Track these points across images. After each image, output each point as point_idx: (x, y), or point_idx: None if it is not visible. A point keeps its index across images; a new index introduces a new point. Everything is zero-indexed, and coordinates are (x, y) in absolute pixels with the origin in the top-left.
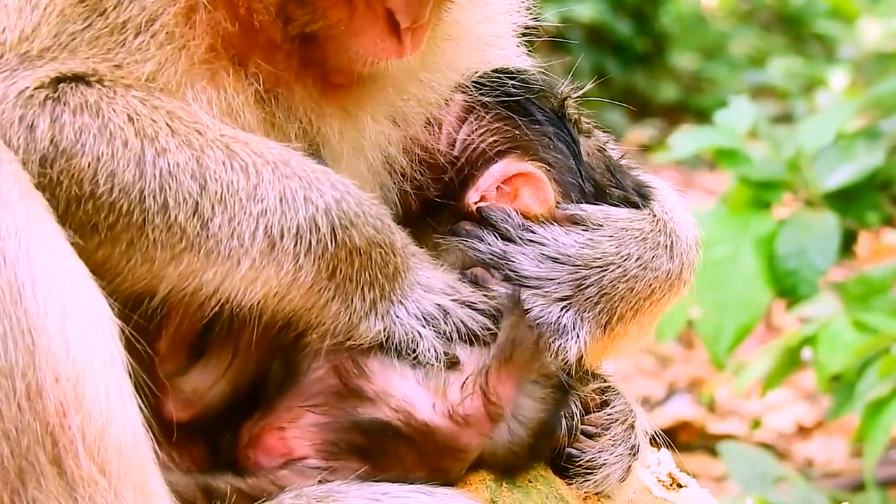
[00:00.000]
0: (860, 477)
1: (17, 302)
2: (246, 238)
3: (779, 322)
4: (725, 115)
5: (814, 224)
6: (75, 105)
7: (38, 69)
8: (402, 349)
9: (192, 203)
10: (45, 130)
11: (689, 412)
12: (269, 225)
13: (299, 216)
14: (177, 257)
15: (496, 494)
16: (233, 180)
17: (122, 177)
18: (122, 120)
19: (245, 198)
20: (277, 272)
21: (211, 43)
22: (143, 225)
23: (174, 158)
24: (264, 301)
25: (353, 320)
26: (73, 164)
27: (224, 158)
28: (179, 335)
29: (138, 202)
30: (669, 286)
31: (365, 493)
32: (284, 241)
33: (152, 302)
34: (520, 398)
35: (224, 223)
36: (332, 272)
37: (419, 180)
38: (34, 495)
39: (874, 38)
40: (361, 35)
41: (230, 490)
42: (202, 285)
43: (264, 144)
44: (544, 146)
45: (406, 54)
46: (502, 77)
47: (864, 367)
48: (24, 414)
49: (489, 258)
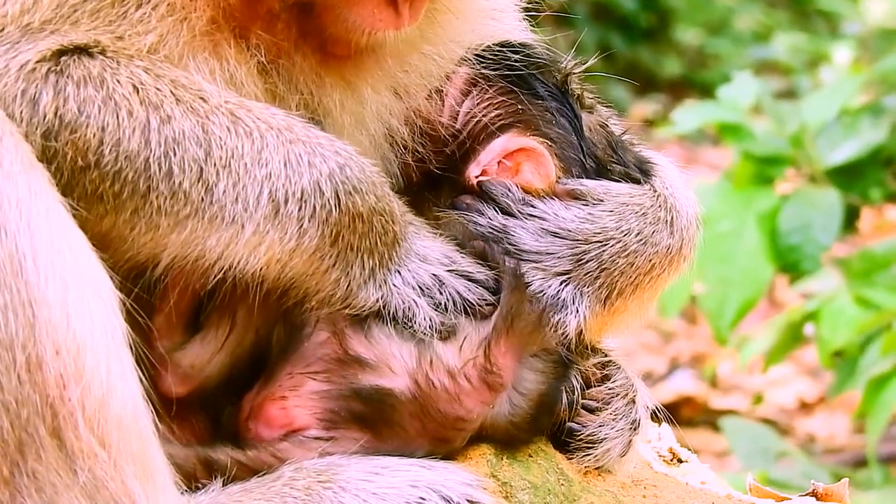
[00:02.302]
0: (862, 453)
1: (18, 274)
2: (251, 202)
3: (782, 297)
4: (729, 91)
5: (817, 200)
6: (78, 77)
7: (39, 42)
8: (398, 318)
9: (196, 169)
10: (49, 103)
11: (692, 387)
12: (274, 189)
13: (303, 180)
14: (181, 223)
15: (496, 468)
16: (237, 146)
17: (127, 146)
18: (126, 90)
19: (250, 162)
20: (281, 237)
21: (212, 14)
22: (148, 192)
23: (179, 126)
24: (267, 267)
25: (351, 287)
26: (77, 136)
27: (228, 124)
28: (177, 310)
29: (143, 170)
30: (669, 261)
31: (365, 467)
32: (289, 205)
33: (155, 270)
34: (521, 370)
35: (229, 188)
36: (334, 238)
37: (421, 152)
38: (34, 467)
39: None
40: (359, 5)
41: (230, 462)
42: (205, 252)
43: (268, 111)
44: (546, 121)
45: (403, 26)
46: (505, 51)
47: (866, 343)
48: (24, 386)
49: (489, 232)
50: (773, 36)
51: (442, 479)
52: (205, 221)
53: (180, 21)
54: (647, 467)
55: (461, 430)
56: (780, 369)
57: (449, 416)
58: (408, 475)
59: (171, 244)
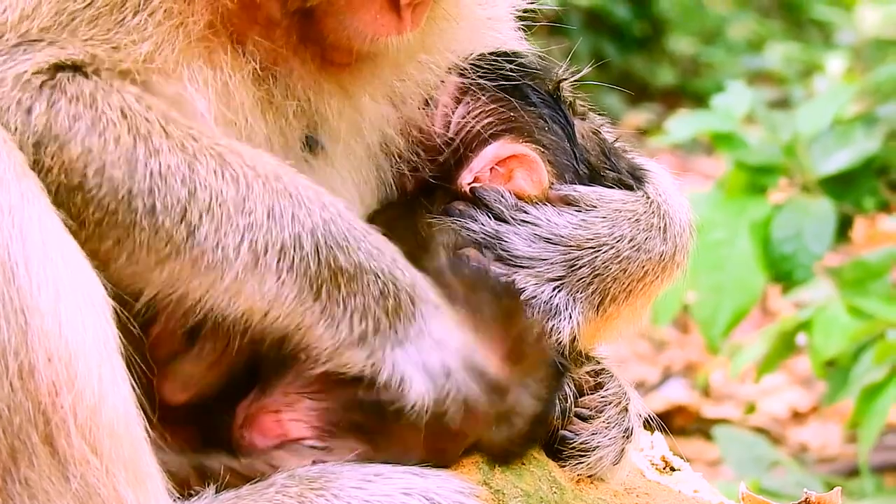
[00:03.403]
0: (855, 462)
1: (10, 281)
2: (231, 251)
3: (774, 307)
4: (723, 100)
5: (810, 209)
6: (72, 94)
7: (36, 54)
8: (388, 388)
9: (180, 209)
10: (41, 114)
11: (684, 396)
12: (254, 239)
13: (284, 233)
14: (162, 262)
15: (489, 476)
16: (222, 189)
17: (111, 173)
18: (116, 115)
19: (233, 209)
20: (260, 287)
21: (210, 19)
22: (131, 227)
23: (166, 160)
24: (249, 314)
25: (339, 347)
26: (63, 152)
27: (216, 167)
28: (175, 319)
29: (126, 202)
30: (662, 268)
31: (357, 475)
32: (268, 256)
33: (139, 302)
34: (520, 392)
35: (210, 233)
36: (316, 292)
37: (415, 161)
38: (26, 474)
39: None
40: (361, 10)
41: (223, 470)
42: (188, 292)
43: (259, 157)
44: (539, 128)
45: (406, 31)
46: (499, 60)
47: (858, 353)
48: (17, 393)
49: (482, 238)
50: (767, 45)
51: (434, 486)
52: (186, 264)
53: (177, 27)
54: (639, 475)
55: (458, 444)
56: (773, 378)
57: (448, 430)
58: (400, 483)
59: (153, 281)
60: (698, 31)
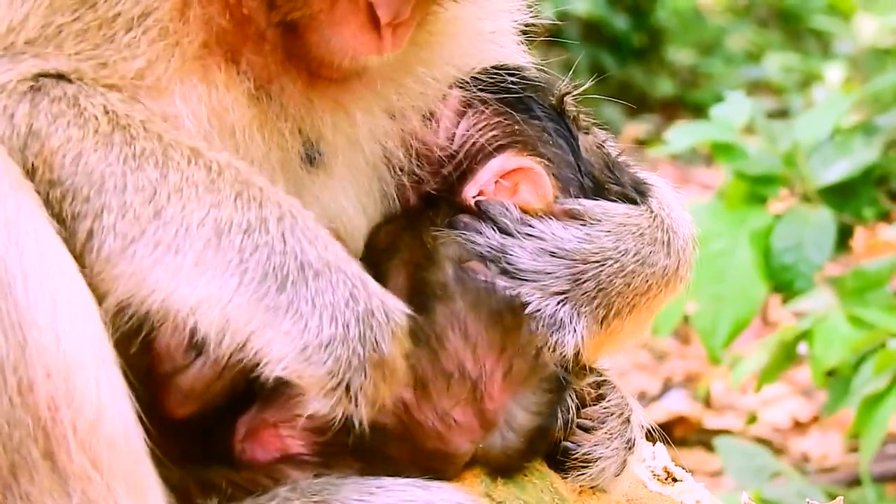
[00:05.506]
0: (856, 472)
1: (7, 296)
2: (194, 227)
3: (775, 317)
4: (722, 110)
5: (810, 219)
6: (55, 95)
7: (20, 65)
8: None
9: (150, 190)
10: (24, 115)
11: (685, 407)
12: (219, 218)
13: (251, 214)
14: (126, 248)
15: (491, 489)
16: (193, 173)
17: (87, 158)
18: (98, 111)
19: (202, 189)
20: (223, 268)
21: (205, 38)
22: (100, 210)
23: (141, 145)
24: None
25: (306, 349)
26: (45, 147)
27: (190, 155)
28: (177, 334)
29: (99, 185)
30: (666, 282)
31: (360, 487)
32: (231, 233)
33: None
34: (513, 408)
35: (177, 212)
36: (281, 283)
37: (417, 174)
38: (27, 490)
39: (870, 33)
40: (341, 27)
41: (225, 483)
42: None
43: (234, 159)
44: (543, 141)
45: (385, 51)
46: (501, 73)
47: (859, 362)
48: (16, 409)
49: (487, 251)
50: (766, 56)
51: (437, 499)
52: (150, 246)
53: (172, 45)
54: (641, 486)
55: (451, 464)
56: (774, 388)
57: (438, 451)
58: (403, 495)
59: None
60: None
